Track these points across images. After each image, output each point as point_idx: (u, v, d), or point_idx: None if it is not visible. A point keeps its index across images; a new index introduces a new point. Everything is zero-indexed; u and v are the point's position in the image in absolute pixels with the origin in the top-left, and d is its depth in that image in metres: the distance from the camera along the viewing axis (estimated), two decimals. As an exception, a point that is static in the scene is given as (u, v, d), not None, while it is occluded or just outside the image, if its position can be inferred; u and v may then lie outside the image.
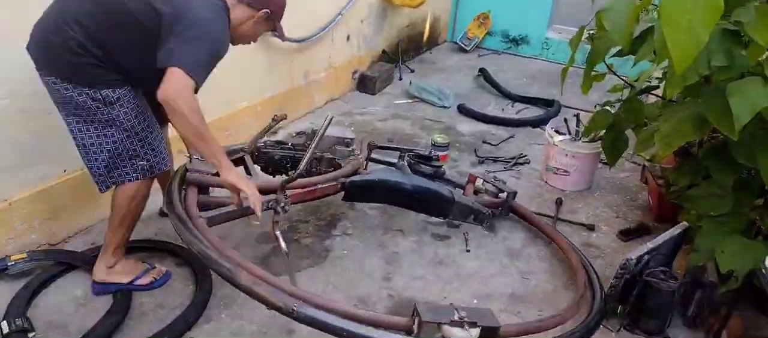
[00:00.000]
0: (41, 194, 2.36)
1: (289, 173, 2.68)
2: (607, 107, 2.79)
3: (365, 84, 4.56)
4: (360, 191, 2.52)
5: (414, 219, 2.85)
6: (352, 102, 4.37)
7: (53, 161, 2.39)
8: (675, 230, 2.28)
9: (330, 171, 2.61)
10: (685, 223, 2.32)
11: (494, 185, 2.86)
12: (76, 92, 1.89)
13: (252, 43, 2.22)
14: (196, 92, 1.85)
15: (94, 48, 1.86)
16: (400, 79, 4.89)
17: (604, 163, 3.30)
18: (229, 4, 2.02)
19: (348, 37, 4.32)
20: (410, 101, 4.47)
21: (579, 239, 2.80)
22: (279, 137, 3.49)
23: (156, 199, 2.44)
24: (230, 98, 3.29)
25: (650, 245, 2.19)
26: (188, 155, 2.31)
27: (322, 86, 4.17)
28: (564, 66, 2.53)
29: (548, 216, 2.97)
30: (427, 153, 2.97)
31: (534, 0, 5.63)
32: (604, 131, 2.74)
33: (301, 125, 3.89)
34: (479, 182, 2.89)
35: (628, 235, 2.82)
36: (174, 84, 1.78)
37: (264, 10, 2.08)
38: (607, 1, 2.06)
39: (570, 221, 2.94)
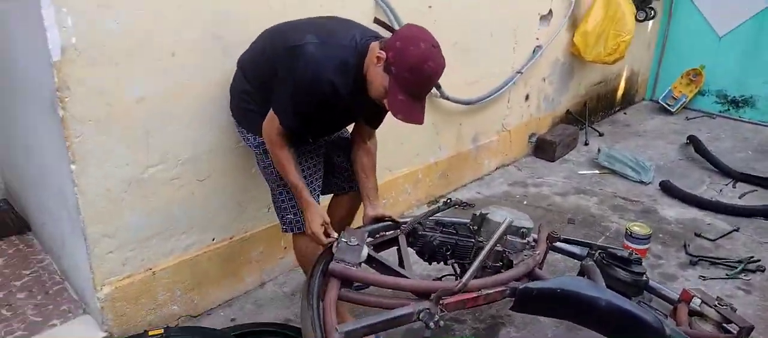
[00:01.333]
0: (186, 263, 2.23)
1: (448, 262, 2.26)
2: None
3: (543, 149, 4.00)
4: (535, 302, 1.99)
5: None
6: (527, 169, 3.84)
7: (203, 230, 2.26)
8: None
9: (497, 268, 2.13)
10: None
11: (719, 311, 2.12)
12: (248, 136, 2.01)
13: (383, 104, 1.80)
14: (291, 133, 1.83)
15: (257, 95, 1.90)
16: (586, 144, 4.24)
17: None
18: (370, 49, 1.77)
19: (526, 97, 3.83)
20: (598, 172, 3.80)
21: None
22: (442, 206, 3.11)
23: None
24: (387, 163, 2.99)
25: None
26: (336, 237, 2.00)
27: (493, 150, 3.72)
28: None
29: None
30: (626, 255, 2.34)
31: (763, 54, 4.58)
32: None
33: (467, 194, 3.47)
34: (696, 303, 2.18)
35: None
36: (267, 123, 1.85)
37: (381, 52, 1.73)
38: None
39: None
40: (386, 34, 1.97)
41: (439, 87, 2.96)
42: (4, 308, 2.13)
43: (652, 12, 4.23)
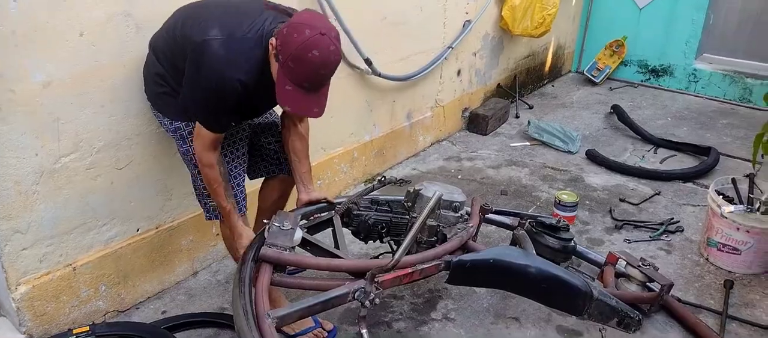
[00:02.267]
0: (109, 256, 2.12)
1: (384, 239, 2.26)
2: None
3: (476, 123, 4.06)
4: (469, 274, 2.02)
5: (534, 304, 2.29)
6: (461, 144, 3.89)
7: (125, 221, 2.15)
8: None
9: (432, 242, 2.14)
10: None
11: (642, 272, 2.22)
12: (164, 120, 1.92)
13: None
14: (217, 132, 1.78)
15: (170, 78, 1.83)
16: (517, 117, 4.34)
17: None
18: (272, 42, 1.66)
19: (458, 72, 3.86)
20: (528, 144, 3.89)
21: (762, 351, 2.09)
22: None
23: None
24: (322, 143, 2.94)
25: None
26: (266, 221, 1.94)
27: (428, 126, 3.74)
28: (758, 132, 1.86)
29: (714, 311, 2.27)
30: (554, 222, 2.41)
31: (680, 24, 4.82)
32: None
33: (403, 171, 3.48)
34: (621, 265, 2.28)
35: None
36: (196, 140, 1.80)
37: (272, 40, 1.65)
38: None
39: (746, 322, 2.23)
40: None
41: (369, 63, 2.93)
42: None
43: (576, -15, 4.36)
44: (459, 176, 3.43)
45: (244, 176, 2.03)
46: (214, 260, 2.53)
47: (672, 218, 2.92)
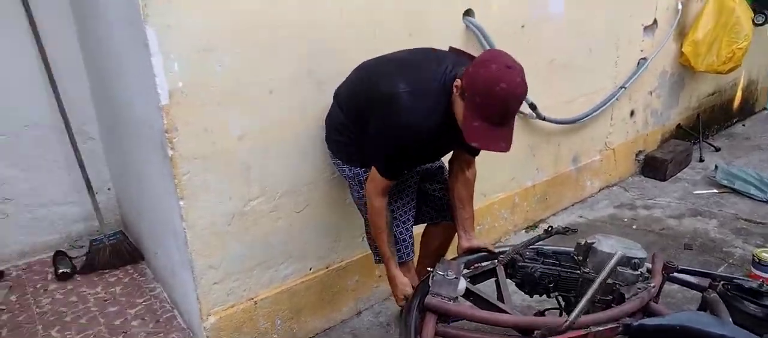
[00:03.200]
0: (285, 292, 2.27)
1: (551, 295, 2.13)
2: None
3: (653, 167, 3.72)
4: (651, 341, 1.82)
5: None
6: (635, 190, 3.59)
7: (300, 260, 2.30)
8: None
9: (608, 302, 1.97)
10: None
11: None
12: (344, 167, 2.03)
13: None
14: (391, 179, 1.85)
15: (353, 127, 1.93)
16: (702, 160, 3.90)
17: None
18: (457, 83, 1.69)
19: (632, 113, 3.59)
20: (716, 191, 3.47)
21: None
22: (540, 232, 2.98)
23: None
24: (482, 189, 2.90)
25: None
26: (430, 269, 1.95)
27: (596, 171, 3.51)
28: None
29: None
30: (755, 286, 2.09)
31: None
32: None
33: (568, 218, 3.29)
34: None
35: None
36: (370, 183, 1.88)
37: (458, 81, 1.67)
38: None
39: None
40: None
41: (534, 107, 2.85)
42: (121, 335, 2.28)
43: (773, 13, 3.84)
44: (634, 227, 3.15)
45: (412, 221, 2.08)
46: (377, 301, 2.59)
47: None
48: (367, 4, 2.17)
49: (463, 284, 1.84)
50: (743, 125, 4.55)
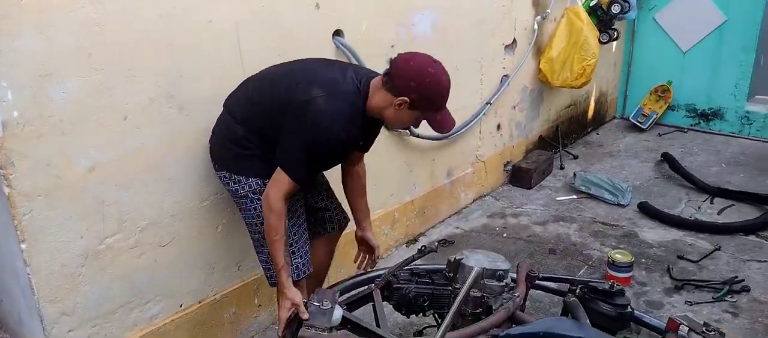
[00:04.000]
0: (153, 334, 2.11)
1: (427, 313, 2.18)
2: None
3: (520, 177, 3.97)
4: (518, 349, 1.91)
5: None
6: (505, 199, 3.80)
7: (168, 297, 2.15)
8: None
9: (477, 315, 2.05)
10: None
11: (708, 340, 2.06)
12: (240, 179, 1.94)
13: (414, 128, 2.15)
14: (301, 185, 1.86)
15: (256, 138, 1.89)
16: (562, 168, 4.22)
17: None
18: (372, 85, 1.89)
19: (498, 127, 3.81)
20: (575, 197, 3.77)
21: None
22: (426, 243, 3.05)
23: None
24: (364, 207, 2.91)
25: None
26: (305, 301, 1.91)
27: (469, 183, 3.67)
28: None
29: (794, 385, 2.07)
30: (607, 287, 2.28)
31: (727, 67, 4.66)
32: None
33: (445, 230, 3.40)
34: (683, 331, 2.11)
35: None
36: (272, 186, 1.83)
37: (402, 98, 1.83)
38: None
39: (832, 397, 2.02)
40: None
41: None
42: (-44, 400, 1.99)
43: (615, 33, 4.26)
44: (504, 234, 3.33)
45: (306, 236, 2.06)
46: (257, 331, 2.50)
47: (736, 277, 2.73)
48: (232, 22, 2.10)
49: (338, 313, 1.82)
50: (597, 134, 5.00)
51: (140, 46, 1.85)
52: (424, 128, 3.05)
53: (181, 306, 2.20)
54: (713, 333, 2.11)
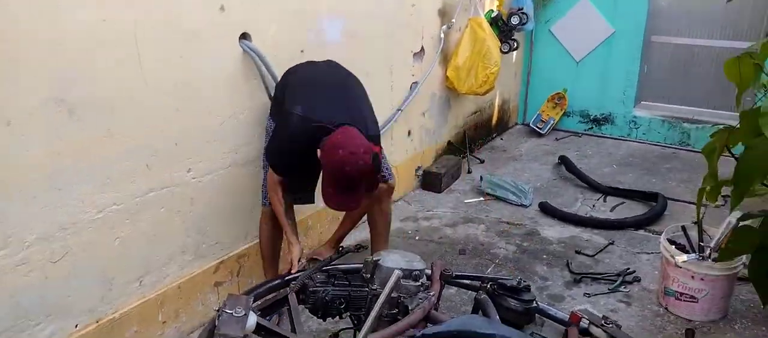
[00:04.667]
0: (45, 359, 1.93)
1: (343, 315, 2.17)
2: (749, 223, 2.13)
3: (430, 181, 4.06)
4: (433, 348, 1.94)
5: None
6: (417, 203, 3.87)
7: (61, 317, 1.98)
8: None
9: (394, 316, 2.06)
10: None
11: (606, 331, 2.20)
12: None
13: None
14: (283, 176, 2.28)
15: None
16: (470, 172, 4.37)
17: (741, 280, 2.61)
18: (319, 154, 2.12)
19: (409, 133, 3.88)
20: (483, 199, 3.91)
21: (730, 401, 2.08)
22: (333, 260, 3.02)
23: None
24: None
25: None
26: (217, 309, 1.83)
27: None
28: (701, 186, 1.91)
29: (680, 364, 2.26)
30: (515, 283, 2.38)
31: (615, 75, 5.04)
32: (750, 255, 2.07)
33: (361, 235, 3.40)
34: (585, 323, 2.25)
35: (800, 395, 2.07)
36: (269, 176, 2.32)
37: (321, 155, 2.10)
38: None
39: (711, 371, 2.23)
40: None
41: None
42: None
43: (515, 43, 4.50)
44: (417, 237, 3.38)
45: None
46: (162, 349, 2.36)
47: (628, 269, 2.95)
48: (128, 22, 1.98)
49: (252, 319, 1.76)
50: (501, 139, 5.23)
51: (24, 45, 1.70)
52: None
53: (76, 326, 2.04)
54: (611, 325, 2.27)
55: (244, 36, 2.43)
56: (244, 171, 2.61)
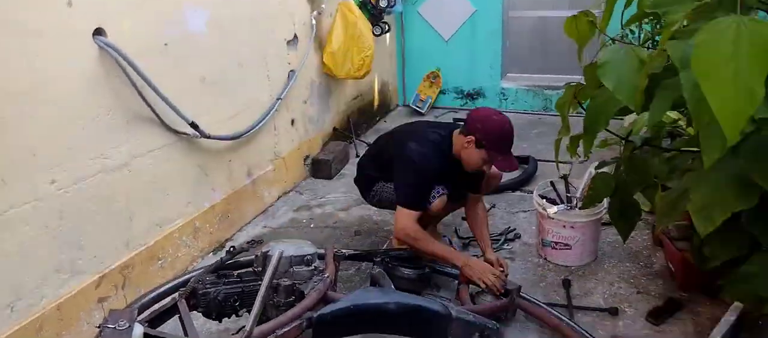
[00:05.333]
0: None
1: (240, 313, 2.12)
2: (605, 170, 2.36)
3: (320, 169, 4.06)
4: (333, 326, 1.97)
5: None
6: (308, 192, 3.85)
7: None
8: (728, 318, 1.82)
9: (291, 303, 2.05)
10: (737, 305, 1.86)
11: (493, 283, 2.35)
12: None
13: (486, 170, 2.57)
14: (421, 210, 2.46)
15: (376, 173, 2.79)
16: (358, 156, 4.41)
17: (605, 224, 2.89)
18: (454, 135, 2.52)
19: (292, 122, 3.84)
20: (371, 180, 3.97)
21: (604, 332, 2.31)
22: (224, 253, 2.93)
23: None
24: (157, 219, 2.71)
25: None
26: (98, 326, 1.71)
27: (271, 180, 3.65)
28: (557, 138, 2.08)
29: (561, 305, 2.47)
30: (405, 254, 2.47)
31: (482, 51, 5.34)
32: (609, 199, 2.30)
33: (254, 231, 3.33)
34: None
35: (658, 317, 2.34)
36: (398, 223, 2.44)
37: (469, 137, 2.40)
38: (603, 55, 1.65)
39: (588, 308, 2.45)
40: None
41: (195, 127, 2.78)
42: None
43: (387, 26, 4.59)
44: (312, 225, 3.37)
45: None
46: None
47: (509, 227, 3.15)
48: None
49: (138, 330, 1.67)
50: (384, 122, 5.34)
51: None
52: (215, 128, 2.97)
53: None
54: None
55: (99, 32, 2.26)
56: (118, 176, 2.44)
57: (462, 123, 2.52)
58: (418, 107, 5.43)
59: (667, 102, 1.62)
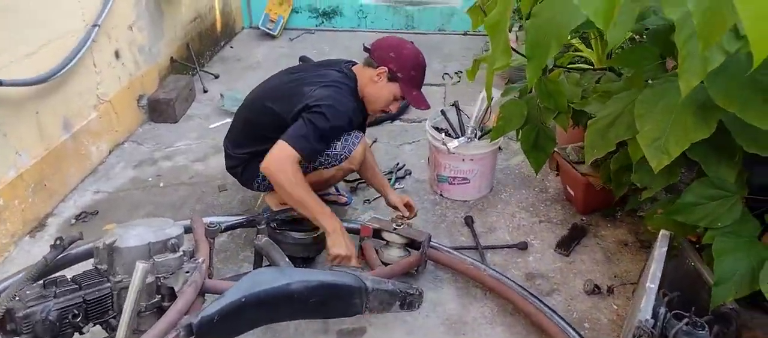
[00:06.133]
0: None
1: (84, 330, 1.55)
2: (514, 97, 2.12)
3: (160, 111, 3.35)
4: (224, 328, 1.51)
5: (304, 322, 1.93)
6: (150, 141, 3.16)
7: None
8: (661, 249, 1.71)
9: (158, 305, 1.55)
10: (665, 233, 1.75)
11: (399, 234, 2.05)
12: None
13: (392, 110, 2.23)
14: (308, 159, 2.01)
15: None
16: (205, 91, 3.76)
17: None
18: (355, 70, 2.18)
19: (117, 54, 3.05)
20: (229, 120, 3.37)
21: (517, 271, 2.15)
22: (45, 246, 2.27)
23: None
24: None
25: (653, 285, 1.57)
26: None
27: (98, 132, 2.90)
28: (477, 58, 1.76)
29: (470, 247, 2.25)
30: (294, 215, 2.05)
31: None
32: (520, 129, 2.08)
33: (83, 199, 2.63)
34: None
35: (566, 247, 2.24)
36: (273, 155, 1.93)
37: (380, 69, 2.10)
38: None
39: (497, 247, 2.26)
40: None
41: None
42: None
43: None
44: (161, 184, 2.75)
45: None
46: None
47: (398, 163, 2.85)
48: None
49: None
50: (231, 48, 4.64)
51: None
52: (8, 71, 2.19)
53: None
54: (402, 226, 2.13)
55: None
56: None
57: (346, 60, 2.24)
58: (268, 29, 4.80)
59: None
